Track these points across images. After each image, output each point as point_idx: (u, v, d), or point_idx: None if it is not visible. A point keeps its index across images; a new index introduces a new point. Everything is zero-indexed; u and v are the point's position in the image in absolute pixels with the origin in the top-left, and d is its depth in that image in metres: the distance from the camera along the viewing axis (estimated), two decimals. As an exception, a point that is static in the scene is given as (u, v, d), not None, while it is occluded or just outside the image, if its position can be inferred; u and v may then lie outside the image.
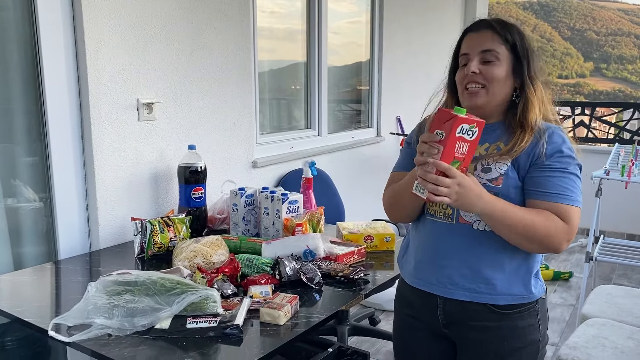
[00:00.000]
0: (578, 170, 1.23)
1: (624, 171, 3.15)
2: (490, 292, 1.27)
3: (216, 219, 2.24)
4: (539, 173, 1.22)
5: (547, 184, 1.20)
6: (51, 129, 1.90)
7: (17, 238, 1.91)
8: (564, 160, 1.21)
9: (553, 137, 1.23)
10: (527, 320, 1.28)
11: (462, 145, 1.12)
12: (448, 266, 1.29)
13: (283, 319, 1.38)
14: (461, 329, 1.32)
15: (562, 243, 1.20)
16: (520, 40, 1.26)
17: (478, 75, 1.25)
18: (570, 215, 1.19)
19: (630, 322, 2.21)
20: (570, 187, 1.21)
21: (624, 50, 61.78)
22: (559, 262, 4.26)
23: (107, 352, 1.23)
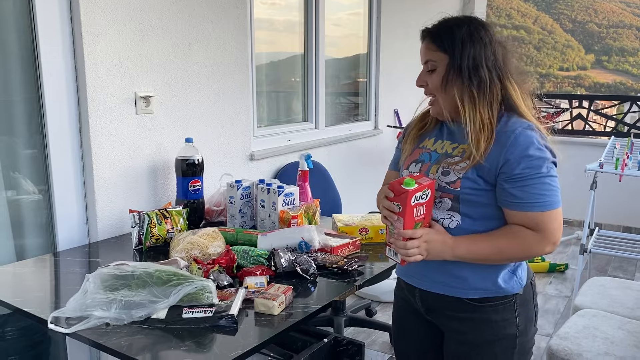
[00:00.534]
0: (552, 168, 1.20)
1: (617, 164, 3.17)
2: (461, 286, 1.30)
3: (213, 211, 2.26)
4: (510, 184, 1.20)
5: (521, 194, 1.19)
6: (49, 122, 1.92)
7: (17, 230, 1.94)
8: (533, 164, 1.18)
9: (518, 140, 1.19)
10: (501, 315, 1.29)
11: (419, 209, 1.23)
12: (423, 261, 1.30)
13: (277, 309, 1.40)
14: (440, 317, 1.38)
15: (543, 249, 1.21)
16: (451, 39, 1.24)
17: (426, 87, 1.31)
18: (544, 222, 1.19)
19: (622, 313, 2.24)
20: (543, 191, 1.19)
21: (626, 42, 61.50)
22: (555, 255, 4.29)
23: (105, 342, 1.26)
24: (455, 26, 1.25)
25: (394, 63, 4.01)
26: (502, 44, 1.27)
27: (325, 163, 3.27)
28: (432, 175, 1.29)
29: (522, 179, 1.19)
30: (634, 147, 3.50)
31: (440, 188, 1.27)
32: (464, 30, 1.24)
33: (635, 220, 4.72)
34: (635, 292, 2.45)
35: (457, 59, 1.23)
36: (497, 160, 1.20)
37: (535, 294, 1.37)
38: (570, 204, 4.95)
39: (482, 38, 1.23)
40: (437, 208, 1.30)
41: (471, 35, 1.23)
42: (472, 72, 1.22)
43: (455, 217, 1.27)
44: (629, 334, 2.01)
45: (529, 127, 1.22)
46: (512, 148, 1.19)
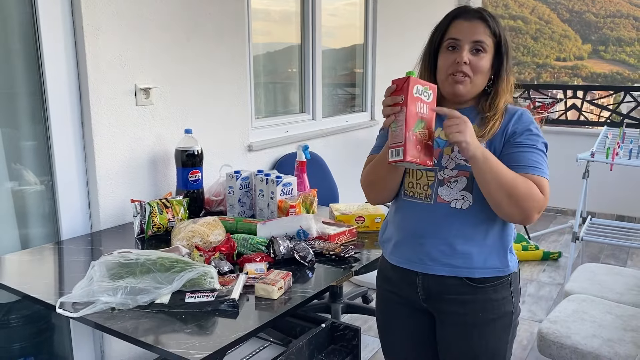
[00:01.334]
0: (545, 148, 1.32)
1: (608, 153, 3.23)
2: (467, 267, 1.33)
3: (213, 201, 2.31)
4: (513, 149, 1.30)
5: (521, 158, 1.28)
6: (52, 113, 1.96)
7: (21, 220, 1.98)
8: (533, 137, 1.30)
9: (522, 117, 1.33)
10: (500, 293, 1.35)
11: (422, 105, 1.20)
12: (427, 244, 1.34)
13: (277, 294, 1.46)
14: (439, 302, 1.39)
15: (534, 210, 1.25)
16: (504, 35, 1.34)
17: (466, 65, 1.29)
18: (543, 186, 1.27)
19: (611, 298, 2.30)
20: (540, 161, 1.29)
21: (623, 32, 61.36)
22: (548, 243, 4.36)
23: (111, 325, 1.31)
24: (485, 9, 1.36)
25: (390, 54, 4.04)
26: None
27: (323, 154, 3.32)
28: (446, 156, 1.32)
29: (523, 146, 1.29)
30: (625, 137, 3.56)
31: (457, 166, 1.31)
32: (499, 20, 1.34)
33: (627, 209, 4.79)
34: (624, 278, 2.51)
35: (503, 46, 1.33)
36: (505, 132, 1.31)
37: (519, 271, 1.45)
38: (564, 193, 5.03)
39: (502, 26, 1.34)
40: (450, 188, 1.31)
41: (497, 21, 1.33)
42: (507, 61, 1.34)
43: (468, 198, 1.30)
44: (616, 317, 2.08)
45: (527, 111, 1.36)
46: (517, 122, 1.32)
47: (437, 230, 1.33)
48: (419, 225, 1.36)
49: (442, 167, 1.33)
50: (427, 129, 1.21)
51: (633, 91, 5.02)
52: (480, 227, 1.32)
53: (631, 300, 2.29)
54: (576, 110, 5.08)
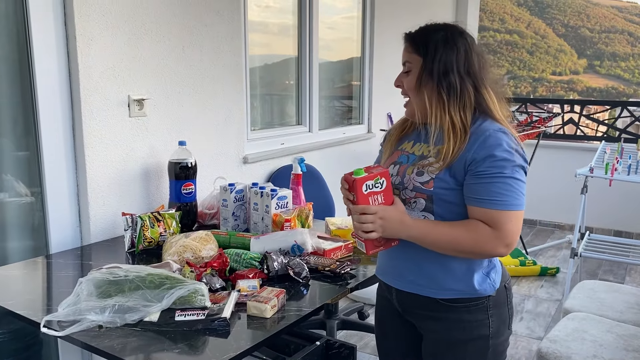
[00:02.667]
0: (517, 171, 1.22)
1: (607, 169, 3.21)
2: (432, 287, 1.32)
3: (206, 215, 2.27)
4: (473, 180, 1.23)
5: (479, 190, 1.22)
6: (42, 124, 1.92)
7: (9, 232, 1.94)
8: (497, 164, 1.21)
9: (488, 141, 1.22)
10: (474, 315, 1.31)
11: (375, 197, 1.26)
12: (398, 260, 1.38)
13: (269, 312, 1.41)
14: (415, 317, 1.41)
15: (496, 248, 1.22)
16: (426, 43, 1.28)
17: (402, 88, 1.36)
18: (500, 221, 1.21)
19: (611, 317, 2.26)
20: (503, 191, 1.20)
21: (618, 47, 62.04)
22: (546, 258, 4.33)
23: (98, 344, 1.27)
24: (432, 31, 1.30)
25: (388, 67, 4.03)
26: (480, 54, 1.30)
27: (319, 166, 3.29)
28: (408, 176, 1.31)
29: (485, 177, 1.21)
30: (624, 152, 3.54)
31: (415, 188, 1.30)
32: (440, 35, 1.28)
33: (625, 225, 4.76)
34: (624, 296, 2.48)
35: (429, 62, 1.27)
36: (465, 159, 1.24)
37: (509, 296, 1.38)
38: (561, 208, 5.02)
39: (457, 45, 1.27)
40: (411, 209, 1.32)
41: (446, 41, 1.27)
42: (442, 76, 1.26)
43: (429, 218, 1.30)
44: (617, 337, 2.04)
45: (501, 130, 1.25)
46: (480, 148, 1.22)
47: (406, 248, 1.33)
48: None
49: (404, 186, 1.33)
50: None
51: (630, 106, 5.02)
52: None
53: (632, 319, 2.26)
54: (573, 125, 5.08)
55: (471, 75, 1.27)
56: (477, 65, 1.28)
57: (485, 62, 1.30)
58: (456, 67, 1.26)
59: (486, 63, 1.31)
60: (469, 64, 1.27)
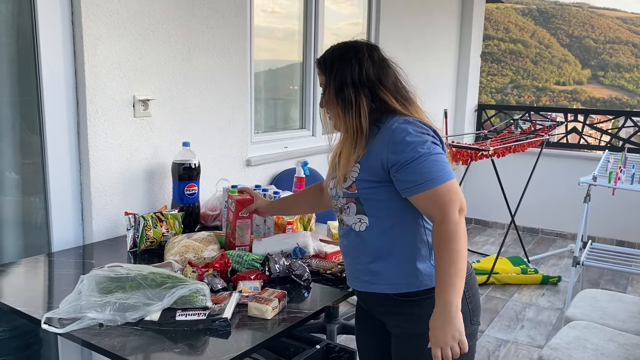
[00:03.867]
0: (432, 147, 1.29)
1: (611, 178, 3.20)
2: (377, 283, 1.39)
3: (208, 216, 2.27)
4: (401, 173, 1.29)
5: (410, 178, 1.28)
6: (47, 123, 1.93)
7: (12, 230, 1.94)
8: (412, 148, 1.28)
9: (395, 134, 1.30)
10: (425, 310, 1.31)
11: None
12: (349, 264, 1.47)
13: (270, 314, 1.41)
14: (378, 314, 1.47)
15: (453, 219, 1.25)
16: (330, 65, 1.38)
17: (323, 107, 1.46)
18: (443, 195, 1.26)
19: (613, 326, 2.25)
20: (430, 169, 1.26)
21: (622, 58, 62.05)
22: (547, 267, 4.31)
23: (98, 342, 1.27)
24: (330, 52, 1.42)
25: (392, 73, 4.03)
26: (382, 63, 1.40)
27: (322, 170, 3.29)
28: (339, 185, 1.40)
29: (408, 164, 1.27)
30: (627, 161, 3.54)
31: (344, 194, 1.39)
32: (335, 54, 1.40)
33: (628, 234, 4.74)
34: (626, 305, 2.47)
35: (329, 80, 1.39)
36: (382, 157, 1.31)
37: (468, 290, 1.37)
38: (563, 216, 5.01)
39: (350, 60, 1.37)
40: (347, 214, 1.40)
41: (340, 58, 1.38)
42: (338, 92, 1.37)
43: (364, 220, 1.37)
44: (619, 346, 2.02)
45: (405, 120, 1.33)
46: (392, 143, 1.30)
47: (350, 251, 1.44)
48: (342, 247, 1.49)
49: (337, 196, 1.42)
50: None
51: (634, 116, 5.01)
52: (381, 246, 1.37)
53: (634, 328, 2.24)
54: (577, 134, 5.07)
55: (366, 84, 1.36)
56: (374, 73, 1.37)
57: (386, 69, 1.40)
58: (350, 80, 1.36)
59: (386, 69, 1.40)
60: (364, 74, 1.36)
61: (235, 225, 1.85)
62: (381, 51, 1.44)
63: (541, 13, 67.63)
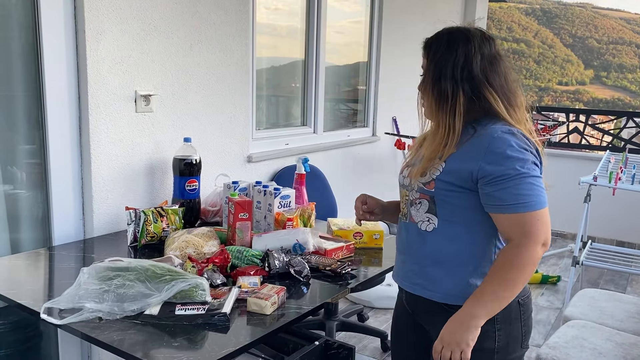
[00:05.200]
0: (533, 169, 1.19)
1: (611, 178, 3.20)
2: (431, 289, 1.33)
3: (209, 212, 2.27)
4: (491, 187, 1.20)
5: (501, 196, 1.19)
6: (49, 117, 1.94)
7: (13, 223, 1.95)
8: (513, 165, 1.18)
9: (496, 144, 1.20)
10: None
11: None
12: (404, 261, 1.40)
13: (269, 309, 1.42)
14: (424, 321, 1.41)
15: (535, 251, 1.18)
16: (434, 51, 1.29)
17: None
18: (531, 223, 1.18)
19: (611, 325, 2.25)
20: (525, 191, 1.18)
21: (625, 59, 61.90)
22: (547, 266, 4.31)
23: (97, 335, 1.27)
24: (438, 37, 1.31)
25: (394, 71, 4.04)
26: (492, 57, 1.27)
27: (322, 167, 3.29)
28: (415, 177, 1.32)
29: (503, 181, 1.19)
30: (628, 162, 3.54)
31: (419, 189, 1.31)
32: (443, 39, 1.29)
33: (628, 234, 4.74)
34: (625, 305, 2.47)
35: (430, 67, 1.30)
36: (474, 165, 1.22)
37: (524, 313, 1.33)
38: (563, 217, 5.00)
39: (456, 49, 1.26)
40: (417, 210, 1.33)
41: (447, 45, 1.27)
42: (435, 83, 1.28)
43: (433, 220, 1.30)
44: (617, 345, 2.03)
45: (509, 131, 1.22)
46: (490, 153, 1.20)
47: (408, 248, 1.38)
48: (400, 242, 1.43)
49: (410, 187, 1.35)
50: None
51: (636, 117, 5.01)
52: (444, 252, 1.29)
53: (632, 327, 2.25)
54: (578, 134, 5.07)
55: (469, 80, 1.25)
56: (480, 69, 1.25)
57: (496, 66, 1.27)
58: (451, 73, 1.25)
59: (498, 67, 1.28)
60: (468, 68, 1.25)
61: (235, 227, 1.86)
62: (496, 45, 1.30)
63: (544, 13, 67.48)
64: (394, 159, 4.24)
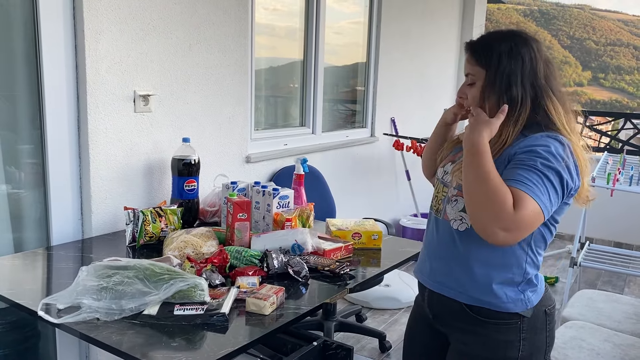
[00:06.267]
0: (552, 174, 1.15)
1: (609, 179, 3.21)
2: (454, 288, 1.30)
3: (207, 212, 2.27)
4: (508, 167, 1.20)
5: (510, 174, 1.17)
6: (48, 117, 1.93)
7: (12, 223, 1.94)
8: (534, 157, 1.16)
9: (536, 141, 1.19)
10: (505, 335, 1.26)
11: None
12: (432, 259, 1.37)
13: (268, 309, 1.41)
14: (444, 325, 1.38)
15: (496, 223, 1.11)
16: (489, 55, 1.24)
17: (463, 99, 1.33)
18: (521, 202, 1.11)
19: (609, 326, 2.26)
20: (532, 179, 1.14)
21: (622, 60, 62.06)
22: (545, 267, 4.32)
23: (96, 335, 1.27)
24: (495, 41, 1.26)
25: (392, 72, 4.04)
26: (547, 61, 1.25)
27: (321, 168, 3.29)
28: (456, 174, 1.28)
29: (520, 164, 1.17)
30: (626, 163, 3.54)
31: (457, 186, 1.27)
32: (503, 46, 1.24)
33: (625, 236, 4.75)
34: (623, 306, 2.47)
35: (492, 75, 1.24)
36: (509, 154, 1.21)
37: (550, 323, 1.31)
38: (563, 218, 4.99)
39: (521, 55, 1.23)
40: (452, 207, 1.30)
41: (510, 52, 1.23)
42: (505, 90, 1.23)
43: (465, 220, 1.26)
44: (615, 346, 2.03)
45: (556, 138, 1.20)
46: (524, 144, 1.20)
47: (436, 244, 1.35)
48: (430, 239, 1.39)
49: (449, 184, 1.33)
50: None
51: (634, 118, 5.02)
52: (475, 253, 1.26)
53: (630, 328, 2.25)
54: (576, 135, 5.07)
55: (535, 87, 1.23)
56: (543, 75, 1.23)
57: (552, 70, 1.26)
58: (520, 79, 1.22)
59: (554, 71, 1.26)
60: (534, 74, 1.23)
61: (233, 227, 1.86)
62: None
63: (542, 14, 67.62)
64: (392, 159, 4.24)
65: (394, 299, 3.29)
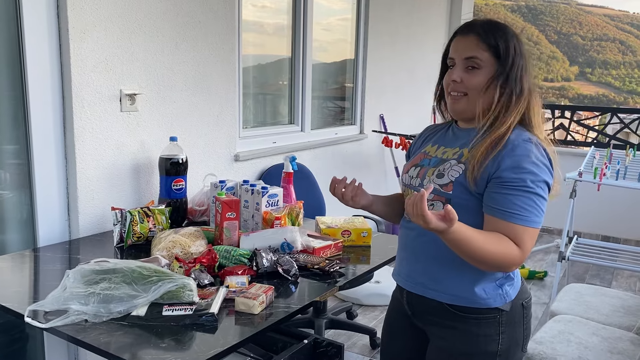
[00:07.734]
0: (541, 187, 1.17)
1: (596, 173, 3.24)
2: (434, 289, 1.30)
3: (196, 211, 2.26)
4: (496, 189, 1.18)
5: (501, 201, 1.17)
6: (33, 117, 1.91)
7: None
8: (522, 177, 1.16)
9: (516, 151, 1.18)
10: (483, 329, 1.27)
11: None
12: (408, 260, 1.38)
13: (258, 309, 1.41)
14: (424, 322, 1.39)
15: (510, 267, 1.19)
16: (505, 46, 1.22)
17: (459, 83, 1.26)
18: (523, 238, 1.16)
19: (597, 320, 2.28)
20: (526, 206, 1.16)
21: (609, 55, 62.63)
22: (534, 262, 4.36)
23: (83, 337, 1.26)
24: (508, 33, 1.24)
25: (381, 69, 4.05)
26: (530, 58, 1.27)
27: (310, 166, 3.29)
28: (427, 178, 1.29)
29: (508, 187, 1.16)
30: (612, 158, 3.58)
31: (433, 191, 1.25)
32: (515, 39, 1.24)
33: (613, 230, 4.81)
34: (610, 299, 2.50)
35: (507, 66, 1.22)
36: (492, 168, 1.19)
37: (526, 316, 1.33)
38: (549, 212, 5.02)
39: (522, 49, 1.25)
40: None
41: (520, 46, 1.25)
42: (517, 82, 1.22)
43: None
44: (602, 339, 2.06)
45: (530, 140, 1.20)
46: (507, 157, 1.18)
47: (413, 247, 1.35)
48: (405, 241, 1.40)
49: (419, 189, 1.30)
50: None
51: (620, 113, 5.07)
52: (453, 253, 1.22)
53: (617, 322, 2.28)
54: (564, 130, 5.12)
55: (530, 82, 1.25)
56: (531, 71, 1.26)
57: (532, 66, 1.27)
58: (527, 74, 1.24)
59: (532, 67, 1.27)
60: (529, 70, 1.25)
61: (222, 226, 1.85)
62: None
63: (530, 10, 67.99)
64: (381, 156, 4.25)
65: (384, 295, 3.30)
